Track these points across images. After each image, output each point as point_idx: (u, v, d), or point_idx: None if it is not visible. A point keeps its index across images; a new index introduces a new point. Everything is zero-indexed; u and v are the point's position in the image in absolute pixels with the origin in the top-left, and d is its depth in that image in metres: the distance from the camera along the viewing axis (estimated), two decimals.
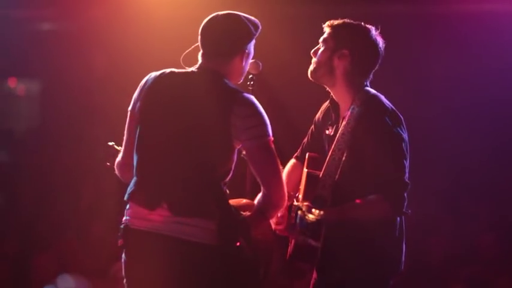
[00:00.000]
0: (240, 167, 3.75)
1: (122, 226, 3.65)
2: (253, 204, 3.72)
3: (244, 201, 3.84)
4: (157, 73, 3.71)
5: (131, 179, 3.71)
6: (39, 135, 9.12)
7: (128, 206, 3.67)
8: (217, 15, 3.72)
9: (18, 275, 6.57)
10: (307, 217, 3.53)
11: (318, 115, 4.14)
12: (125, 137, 3.75)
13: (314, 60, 3.95)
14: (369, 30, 3.91)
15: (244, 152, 3.66)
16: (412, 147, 3.87)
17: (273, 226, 3.91)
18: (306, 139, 4.21)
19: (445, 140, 7.93)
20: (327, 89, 4.00)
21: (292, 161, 4.21)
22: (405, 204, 3.75)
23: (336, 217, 3.71)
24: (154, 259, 3.55)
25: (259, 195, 3.68)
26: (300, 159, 4.15)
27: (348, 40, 3.87)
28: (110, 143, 4.04)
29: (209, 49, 3.69)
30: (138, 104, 3.68)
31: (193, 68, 3.70)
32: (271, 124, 3.65)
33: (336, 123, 3.96)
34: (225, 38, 3.66)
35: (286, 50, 4.12)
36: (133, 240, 3.61)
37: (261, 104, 3.66)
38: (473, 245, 7.40)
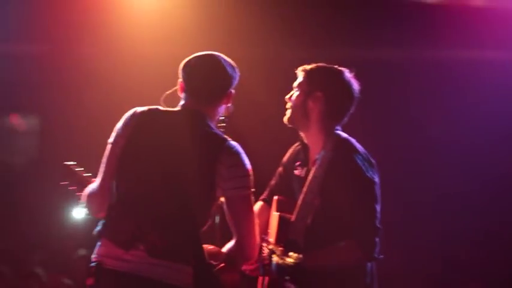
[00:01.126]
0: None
1: (92, 264, 3.60)
2: (221, 252, 3.71)
3: (212, 248, 3.79)
4: (143, 109, 3.68)
5: (99, 212, 3.70)
6: (37, 169, 9.18)
7: (99, 243, 3.63)
8: (201, 57, 3.73)
9: None
10: (285, 261, 3.56)
11: (287, 156, 4.14)
12: (102, 169, 3.70)
13: (289, 105, 3.97)
14: (342, 72, 3.93)
15: (222, 201, 3.64)
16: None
17: (245, 268, 3.91)
18: (273, 181, 4.20)
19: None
20: (300, 132, 4.01)
21: (260, 203, 4.18)
22: (377, 249, 3.73)
23: (309, 263, 3.69)
24: None
25: (231, 244, 3.68)
26: (267, 202, 4.14)
27: (321, 82, 3.90)
28: (68, 163, 4.03)
29: (195, 92, 3.69)
30: (122, 141, 3.64)
31: (177, 108, 3.71)
32: None
33: (306, 164, 3.96)
34: (211, 83, 3.69)
35: (259, 93, 4.14)
36: (106, 280, 3.56)
37: None
38: None
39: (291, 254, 3.56)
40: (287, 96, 3.99)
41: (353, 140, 3.91)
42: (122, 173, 3.62)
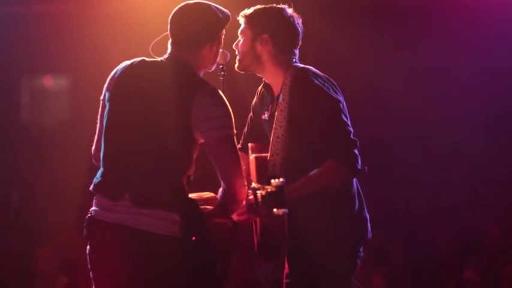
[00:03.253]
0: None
1: (87, 216, 3.65)
2: (216, 198, 3.68)
3: (207, 194, 3.78)
4: (128, 62, 3.69)
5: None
6: (68, 130, 9.20)
7: (95, 197, 3.67)
8: (187, 4, 3.71)
9: (22, 269, 6.63)
10: (267, 190, 3.42)
11: (255, 100, 4.15)
12: (97, 126, 3.76)
13: (237, 52, 3.97)
14: (282, 10, 3.94)
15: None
16: None
17: (236, 218, 3.81)
18: (246, 128, 4.21)
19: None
20: (258, 75, 4.01)
21: None
22: (359, 161, 3.71)
23: (295, 194, 3.65)
24: (117, 250, 3.55)
25: (220, 189, 3.65)
26: (243, 150, 4.12)
27: (265, 24, 3.91)
28: None
29: (178, 38, 3.67)
30: (107, 94, 3.67)
31: (163, 57, 3.68)
32: (239, 116, 3.65)
33: (271, 104, 3.96)
34: (194, 26, 3.65)
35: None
36: (97, 231, 3.62)
37: (231, 95, 3.65)
38: None
39: (271, 181, 3.41)
40: (234, 44, 3.99)
41: (311, 68, 3.91)
42: (106, 126, 3.66)
